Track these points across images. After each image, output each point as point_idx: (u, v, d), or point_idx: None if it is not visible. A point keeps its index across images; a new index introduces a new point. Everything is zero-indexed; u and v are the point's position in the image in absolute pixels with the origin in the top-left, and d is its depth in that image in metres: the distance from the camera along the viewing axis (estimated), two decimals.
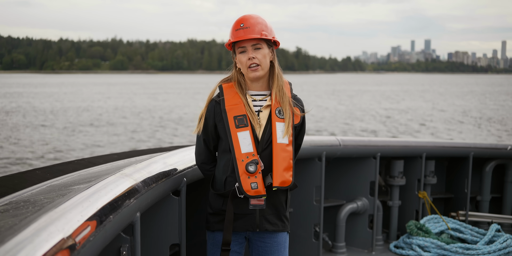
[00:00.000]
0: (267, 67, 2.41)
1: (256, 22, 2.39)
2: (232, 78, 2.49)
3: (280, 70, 2.48)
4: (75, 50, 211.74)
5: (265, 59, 2.38)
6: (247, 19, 2.40)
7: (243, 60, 2.38)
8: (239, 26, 2.38)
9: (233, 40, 2.38)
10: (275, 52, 2.48)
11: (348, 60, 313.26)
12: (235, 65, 2.47)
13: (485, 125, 24.52)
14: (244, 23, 2.38)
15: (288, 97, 2.43)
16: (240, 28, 2.37)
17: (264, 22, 2.40)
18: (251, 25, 2.37)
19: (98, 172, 2.51)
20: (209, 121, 2.45)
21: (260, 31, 2.37)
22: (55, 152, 15.46)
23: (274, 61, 2.45)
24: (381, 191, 5.03)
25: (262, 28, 2.38)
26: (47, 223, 1.40)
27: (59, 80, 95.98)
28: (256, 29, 2.36)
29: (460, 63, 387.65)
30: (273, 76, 2.45)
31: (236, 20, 2.43)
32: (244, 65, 2.38)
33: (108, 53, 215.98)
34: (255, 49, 2.37)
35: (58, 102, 36.56)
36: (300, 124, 2.49)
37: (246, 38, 2.34)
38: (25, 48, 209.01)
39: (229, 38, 2.43)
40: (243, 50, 2.39)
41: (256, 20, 2.40)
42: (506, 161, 5.44)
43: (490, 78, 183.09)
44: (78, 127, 21.80)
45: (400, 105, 37.15)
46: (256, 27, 2.37)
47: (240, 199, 2.39)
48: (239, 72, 2.46)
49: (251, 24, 2.37)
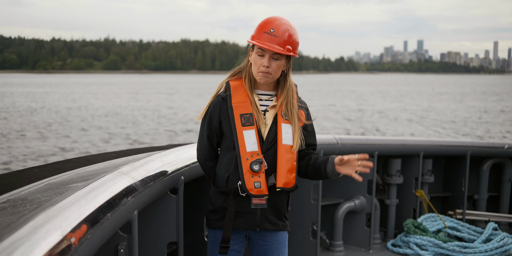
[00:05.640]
0: (278, 76, 2.39)
1: (286, 32, 2.31)
2: (244, 71, 2.45)
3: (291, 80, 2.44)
4: (67, 50, 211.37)
5: (279, 70, 2.35)
6: (278, 26, 2.31)
7: (258, 62, 2.34)
8: (269, 30, 2.30)
9: (257, 44, 2.31)
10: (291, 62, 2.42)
11: (342, 60, 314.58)
12: (248, 59, 2.43)
13: (484, 124, 24.65)
14: (275, 30, 2.30)
15: (296, 108, 2.42)
16: (269, 33, 2.30)
17: (294, 34, 2.33)
18: (280, 35, 2.30)
19: (96, 170, 2.50)
20: (214, 117, 2.42)
21: (286, 45, 2.30)
22: (53, 151, 15.41)
23: (288, 71, 2.41)
24: (379, 190, 5.03)
25: (289, 41, 2.31)
26: (45, 221, 1.39)
27: (52, 80, 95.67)
28: (283, 41, 2.29)
29: (452, 64, 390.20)
30: (283, 85, 2.41)
31: (267, 19, 2.35)
32: (256, 67, 2.35)
33: (101, 53, 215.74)
34: (273, 59, 2.32)
35: (56, 101, 36.44)
36: (303, 126, 2.47)
37: (270, 49, 2.28)
38: (17, 48, 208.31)
39: (254, 33, 2.36)
40: (261, 54, 2.33)
41: (287, 30, 2.31)
42: (503, 160, 5.45)
43: (483, 79, 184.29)
44: (76, 126, 21.73)
45: (400, 105, 37.29)
46: (285, 38, 2.30)
47: (242, 198, 2.37)
48: (251, 65, 2.42)
49: (282, 34, 2.30)
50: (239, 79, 2.45)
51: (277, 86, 2.45)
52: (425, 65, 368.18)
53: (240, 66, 2.48)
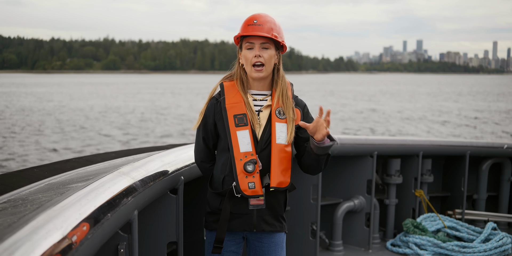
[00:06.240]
0: (271, 69, 2.40)
1: (269, 21, 2.38)
2: (234, 75, 2.47)
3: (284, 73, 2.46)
4: (67, 50, 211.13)
5: (271, 60, 2.37)
6: (261, 17, 2.39)
7: (249, 56, 2.36)
8: (252, 21, 2.37)
9: (243, 34, 2.36)
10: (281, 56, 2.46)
11: (341, 60, 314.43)
12: (239, 61, 2.44)
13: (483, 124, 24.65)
14: (258, 20, 2.37)
15: (291, 100, 2.41)
16: (253, 24, 2.36)
17: (277, 24, 2.40)
18: (264, 23, 2.36)
19: (96, 170, 2.50)
20: (209, 119, 2.43)
21: (271, 31, 2.36)
22: (53, 150, 15.39)
23: (279, 65, 2.44)
24: (378, 190, 5.04)
25: (274, 29, 2.37)
26: (45, 221, 1.39)
27: (52, 80, 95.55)
28: (268, 28, 2.36)
29: (452, 64, 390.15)
30: (277, 79, 2.43)
31: (249, 16, 2.41)
32: (249, 62, 2.36)
33: (100, 52, 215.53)
34: (263, 48, 2.36)
35: (54, 102, 36.40)
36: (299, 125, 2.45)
37: (257, 34, 2.32)
38: (17, 48, 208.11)
39: (240, 30, 2.40)
40: (250, 47, 2.36)
41: (270, 20, 2.39)
42: (503, 159, 5.45)
43: (482, 79, 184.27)
44: (74, 126, 21.72)
45: (400, 105, 37.29)
46: (269, 27, 2.36)
47: (238, 199, 2.37)
48: (242, 69, 2.43)
49: (265, 22, 2.36)
50: (233, 80, 2.46)
51: (271, 84, 2.46)
52: (424, 65, 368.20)
53: (231, 72, 2.49)
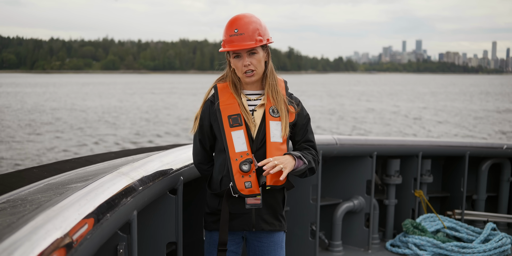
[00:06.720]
0: (262, 70, 2.38)
1: (250, 25, 2.29)
2: (226, 77, 2.45)
3: (274, 69, 2.43)
4: (66, 50, 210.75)
5: (260, 63, 2.34)
6: (240, 24, 2.29)
7: (238, 65, 2.33)
8: (233, 31, 2.29)
9: (228, 49, 2.30)
10: (269, 50, 2.43)
11: (340, 60, 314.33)
12: (229, 64, 2.42)
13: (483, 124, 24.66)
14: (239, 29, 2.28)
15: (282, 96, 2.40)
16: (235, 35, 2.28)
17: (258, 23, 2.32)
18: (245, 31, 2.28)
19: (95, 170, 2.50)
20: (205, 121, 2.43)
21: (255, 37, 2.29)
22: (52, 151, 15.38)
23: (268, 61, 2.41)
24: (378, 190, 5.03)
25: (257, 32, 2.30)
26: (45, 221, 1.39)
27: (51, 80, 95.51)
28: (251, 35, 2.28)
29: (451, 64, 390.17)
30: (265, 76, 2.40)
31: (228, 22, 2.33)
32: (239, 70, 2.34)
33: (100, 52, 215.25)
34: (251, 54, 2.32)
35: (54, 102, 36.38)
36: (295, 122, 2.44)
37: (242, 48, 2.27)
38: (16, 48, 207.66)
39: (223, 39, 2.35)
40: (238, 55, 2.33)
41: (250, 22, 2.30)
42: (502, 160, 5.45)
43: (481, 79, 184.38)
44: (75, 126, 21.71)
45: (400, 104, 37.30)
46: (251, 32, 2.28)
47: (236, 199, 2.37)
48: (233, 71, 2.41)
49: (246, 29, 2.28)
50: (226, 82, 2.45)
51: (264, 83, 2.43)
52: (424, 65, 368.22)
53: (223, 74, 2.48)
